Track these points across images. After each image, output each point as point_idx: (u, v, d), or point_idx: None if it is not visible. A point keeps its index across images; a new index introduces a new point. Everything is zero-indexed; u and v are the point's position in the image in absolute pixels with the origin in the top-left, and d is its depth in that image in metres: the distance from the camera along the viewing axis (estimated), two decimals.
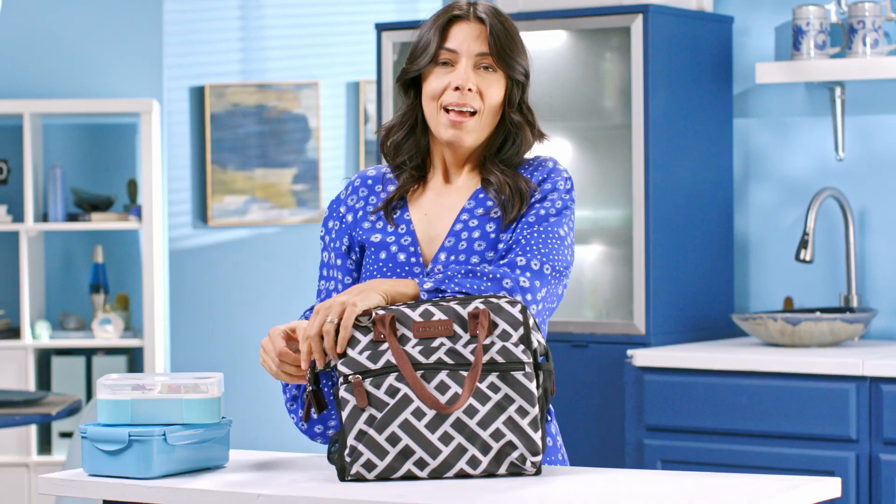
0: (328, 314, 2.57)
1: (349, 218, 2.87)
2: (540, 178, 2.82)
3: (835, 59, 4.67)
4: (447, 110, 2.78)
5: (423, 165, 2.87)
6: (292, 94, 6.62)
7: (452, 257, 2.77)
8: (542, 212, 2.78)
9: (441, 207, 2.84)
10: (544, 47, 4.80)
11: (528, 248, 2.73)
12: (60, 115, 6.49)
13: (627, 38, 4.63)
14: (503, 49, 2.78)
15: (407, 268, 2.79)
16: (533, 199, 2.79)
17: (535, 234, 2.75)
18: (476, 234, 2.79)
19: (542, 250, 2.73)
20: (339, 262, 2.87)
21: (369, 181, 2.90)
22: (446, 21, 2.80)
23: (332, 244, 2.88)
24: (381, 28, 5.00)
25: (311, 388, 2.62)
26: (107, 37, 6.53)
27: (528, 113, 2.84)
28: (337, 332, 2.56)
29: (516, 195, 2.78)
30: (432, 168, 2.87)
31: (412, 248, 2.80)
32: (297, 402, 2.77)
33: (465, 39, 2.78)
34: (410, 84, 2.85)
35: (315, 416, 2.71)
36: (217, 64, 6.68)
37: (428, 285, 2.65)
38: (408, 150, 2.85)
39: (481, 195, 2.82)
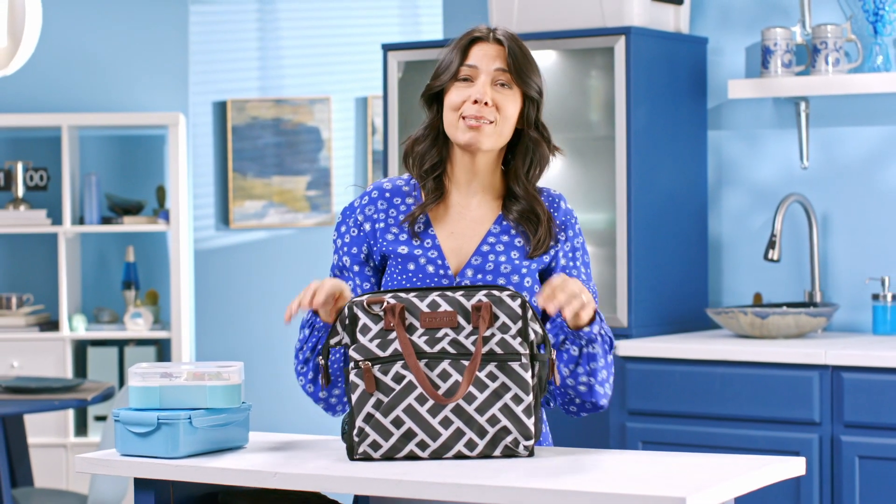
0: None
1: (367, 227, 2.80)
2: (561, 218, 2.82)
3: (800, 77, 4.66)
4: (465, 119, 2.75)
5: (442, 177, 2.81)
6: (306, 108, 6.61)
7: (479, 275, 2.74)
8: (578, 243, 2.84)
9: (465, 228, 2.79)
10: None
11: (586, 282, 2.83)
12: (95, 127, 6.48)
13: (611, 58, 4.62)
14: (520, 67, 2.77)
15: (436, 279, 2.74)
16: (564, 238, 2.81)
17: (583, 266, 2.84)
18: (503, 259, 2.76)
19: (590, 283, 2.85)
20: (356, 267, 2.80)
21: (387, 194, 2.82)
22: (468, 42, 2.79)
23: (346, 249, 2.81)
24: (388, 48, 4.99)
25: (321, 360, 2.60)
26: (137, 56, 6.53)
27: (543, 130, 2.84)
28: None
29: (548, 236, 2.78)
30: (454, 184, 2.82)
31: (440, 262, 2.75)
32: (308, 366, 2.72)
33: (485, 58, 2.76)
34: (433, 99, 2.82)
35: (323, 385, 2.65)
36: (238, 81, 6.68)
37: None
38: (431, 158, 2.80)
39: (504, 222, 2.80)
